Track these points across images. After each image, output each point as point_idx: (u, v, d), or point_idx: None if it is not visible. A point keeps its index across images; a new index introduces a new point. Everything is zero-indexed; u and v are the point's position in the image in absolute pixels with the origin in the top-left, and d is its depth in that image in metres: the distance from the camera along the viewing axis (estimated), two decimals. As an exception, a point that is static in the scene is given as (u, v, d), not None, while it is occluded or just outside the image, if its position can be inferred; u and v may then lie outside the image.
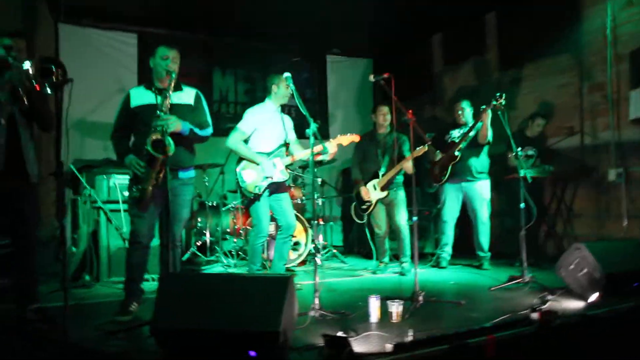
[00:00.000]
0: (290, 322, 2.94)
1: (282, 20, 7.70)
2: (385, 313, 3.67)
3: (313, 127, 4.03)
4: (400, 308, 3.64)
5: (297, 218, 6.39)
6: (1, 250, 4.37)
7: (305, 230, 6.49)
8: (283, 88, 4.95)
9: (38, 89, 3.24)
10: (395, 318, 3.61)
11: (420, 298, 4.07)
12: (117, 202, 5.33)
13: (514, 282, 4.83)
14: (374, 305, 3.64)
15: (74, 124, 7.62)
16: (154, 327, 2.81)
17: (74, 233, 5.69)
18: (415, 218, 4.28)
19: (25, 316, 3.68)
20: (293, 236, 6.29)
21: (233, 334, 2.73)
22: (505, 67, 7.44)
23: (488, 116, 5.67)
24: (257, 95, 8.72)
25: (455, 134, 6.16)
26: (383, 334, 3.25)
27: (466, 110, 6.16)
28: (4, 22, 5.28)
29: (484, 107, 5.57)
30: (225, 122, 8.07)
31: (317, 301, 3.76)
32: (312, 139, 4.07)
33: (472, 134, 5.94)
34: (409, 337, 3.02)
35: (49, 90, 3.28)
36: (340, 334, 3.10)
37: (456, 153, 5.92)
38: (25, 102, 3.50)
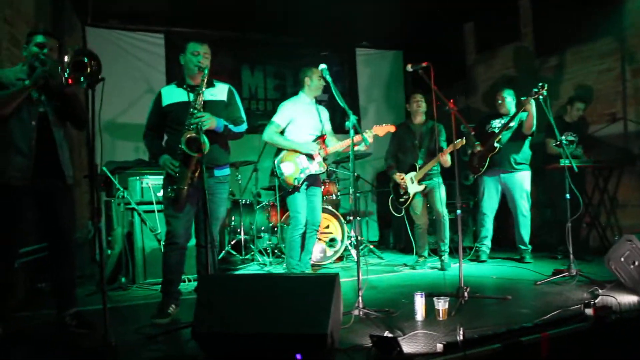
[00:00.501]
0: (336, 323, 2.82)
1: (309, 14, 7.61)
2: (430, 310, 3.53)
3: (352, 119, 3.90)
4: (447, 305, 3.50)
5: (333, 214, 6.34)
6: (39, 254, 4.35)
7: (341, 226, 6.37)
8: (316, 80, 4.98)
9: (71, 82, 3.17)
10: (441, 316, 3.47)
11: (465, 294, 3.92)
12: (150, 202, 5.28)
13: (560, 275, 4.64)
14: (420, 303, 3.50)
15: (105, 126, 7.64)
16: (196, 331, 2.72)
17: (109, 235, 5.67)
18: (459, 211, 4.12)
19: (64, 321, 3.65)
20: (329, 232, 6.28)
21: (279, 336, 2.63)
22: (542, 53, 7.19)
23: (532, 106, 5.46)
24: (287, 90, 8.67)
25: (497, 124, 5.96)
26: (431, 333, 3.13)
27: (507, 100, 5.96)
28: (33, 27, 5.25)
29: (525, 97, 5.36)
30: (256, 119, 7.91)
31: (360, 299, 3.63)
32: (352, 132, 3.92)
33: (513, 124, 5.74)
34: (459, 336, 2.88)
35: (84, 84, 3.21)
36: (387, 333, 2.99)
37: (495, 144, 5.74)
38: (58, 99, 3.46)
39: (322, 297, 2.67)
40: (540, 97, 4.97)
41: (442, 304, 3.48)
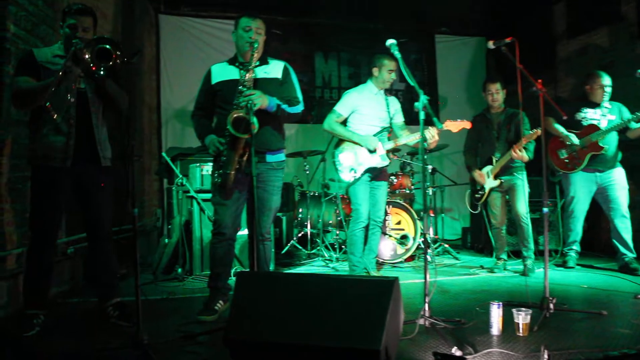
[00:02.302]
0: (394, 336, 2.36)
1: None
2: (508, 323, 3.03)
3: (423, 99, 3.36)
4: (528, 318, 2.98)
5: (405, 209, 5.88)
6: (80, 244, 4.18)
7: (414, 223, 5.88)
8: (385, 73, 4.66)
9: (94, 69, 2.93)
10: (522, 331, 2.95)
11: (551, 306, 3.35)
12: (209, 191, 5.00)
13: (666, 288, 3.95)
14: (496, 315, 3.00)
15: (174, 114, 7.57)
16: (228, 337, 2.36)
17: (169, 224, 5.47)
18: (545, 209, 3.52)
19: (106, 312, 3.45)
20: (401, 229, 5.81)
21: (322, 349, 2.23)
22: (647, 35, 6.34)
23: None
24: (362, 79, 8.15)
25: (592, 114, 5.24)
26: (508, 352, 2.63)
27: (607, 88, 5.21)
28: (101, 17, 5.12)
29: None
30: (329, 108, 7.58)
31: (427, 307, 3.16)
32: (422, 113, 3.39)
33: (635, 125, 5.00)
34: (543, 358, 2.37)
35: (102, 72, 2.97)
36: (455, 350, 2.52)
37: (601, 143, 5.05)
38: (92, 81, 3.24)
39: (377, 305, 2.23)
40: None
41: (522, 317, 2.95)
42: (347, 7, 7.66)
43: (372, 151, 4.51)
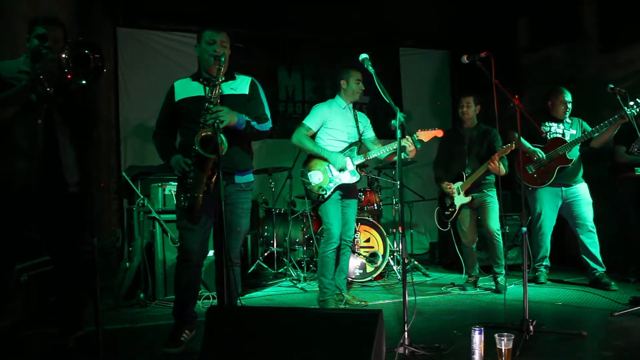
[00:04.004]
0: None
1: (351, 13, 7.14)
2: (489, 346, 2.90)
3: (400, 116, 3.30)
4: (510, 344, 2.86)
5: (374, 226, 5.77)
6: (42, 268, 3.91)
7: (383, 240, 5.76)
8: (353, 84, 4.53)
9: (70, 77, 2.72)
10: (504, 357, 2.84)
11: (531, 327, 3.27)
12: (173, 212, 4.78)
13: (641, 307, 3.90)
14: (478, 341, 2.88)
15: (134, 130, 7.31)
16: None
17: (129, 246, 5.22)
18: (524, 229, 3.46)
19: (67, 345, 3.19)
20: (370, 246, 5.69)
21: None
22: (608, 49, 6.41)
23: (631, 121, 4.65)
24: (326, 93, 8.14)
25: (556, 129, 5.25)
26: (494, 382, 2.51)
27: (568, 104, 5.23)
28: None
29: (626, 112, 4.48)
30: (293, 122, 7.49)
31: (406, 335, 3.02)
32: (398, 131, 3.33)
33: (597, 135, 5.01)
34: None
35: (83, 81, 2.77)
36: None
37: (568, 156, 5.05)
38: (59, 98, 3.00)
39: (360, 339, 2.08)
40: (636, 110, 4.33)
41: (505, 343, 2.84)
42: (310, 21, 7.56)
43: (340, 170, 4.39)
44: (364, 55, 3.60)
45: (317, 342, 2.14)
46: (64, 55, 2.76)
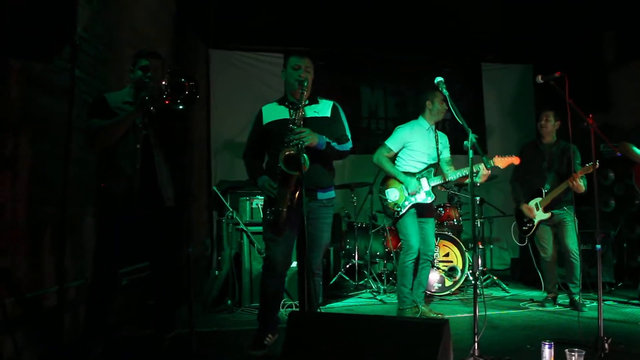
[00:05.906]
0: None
1: (431, 29, 7.23)
2: (561, 363, 2.95)
3: (471, 137, 3.42)
4: None
5: (453, 241, 5.84)
6: (142, 274, 4.31)
7: (462, 255, 5.82)
8: (438, 104, 4.70)
9: (168, 103, 3.06)
10: (576, 372, 2.88)
11: (606, 346, 3.26)
12: (259, 224, 5.10)
13: None
14: (548, 354, 2.93)
15: (224, 146, 7.72)
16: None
17: (218, 255, 5.58)
18: (598, 246, 3.46)
19: (162, 343, 3.53)
20: (449, 261, 5.77)
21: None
22: None
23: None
24: (408, 109, 8.28)
25: None
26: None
27: None
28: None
29: None
30: (376, 138, 7.69)
31: (476, 346, 3.13)
32: (470, 152, 3.44)
33: None
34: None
35: (180, 106, 3.10)
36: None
37: None
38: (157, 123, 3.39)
39: (425, 349, 2.23)
40: None
41: (575, 358, 2.88)
42: (390, 39, 7.72)
43: (410, 194, 4.55)
44: (439, 79, 3.73)
45: (385, 348, 2.32)
46: (163, 83, 3.11)
